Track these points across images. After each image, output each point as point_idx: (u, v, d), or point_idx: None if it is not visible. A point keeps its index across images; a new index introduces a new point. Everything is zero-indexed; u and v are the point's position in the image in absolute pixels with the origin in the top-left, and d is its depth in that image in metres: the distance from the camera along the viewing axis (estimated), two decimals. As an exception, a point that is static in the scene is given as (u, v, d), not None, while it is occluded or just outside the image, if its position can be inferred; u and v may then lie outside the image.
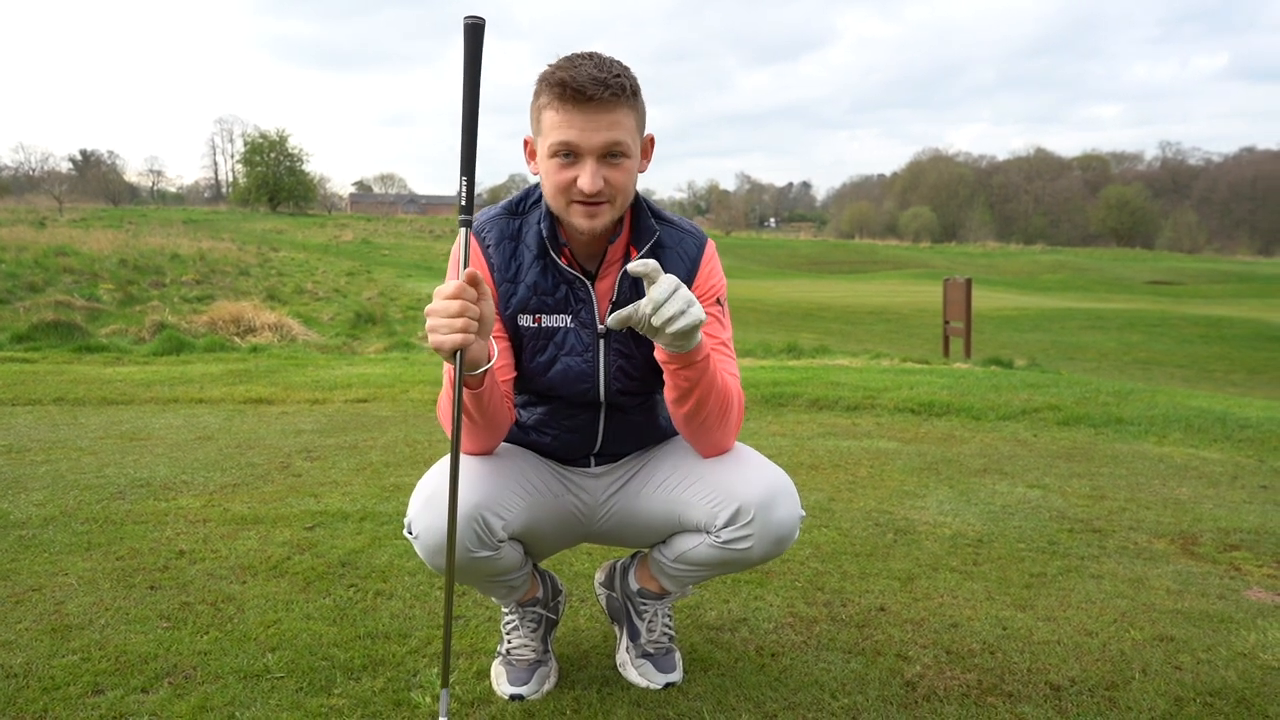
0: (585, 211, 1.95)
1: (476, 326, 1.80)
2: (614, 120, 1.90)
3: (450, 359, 1.81)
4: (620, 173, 1.94)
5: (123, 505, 3.88)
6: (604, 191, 1.93)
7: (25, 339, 10.23)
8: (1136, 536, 3.61)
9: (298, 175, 69.35)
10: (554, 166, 1.94)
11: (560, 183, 1.94)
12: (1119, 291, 38.00)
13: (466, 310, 1.77)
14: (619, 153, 1.93)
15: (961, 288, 13.89)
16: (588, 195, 1.92)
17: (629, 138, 1.94)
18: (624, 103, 1.91)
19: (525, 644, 2.33)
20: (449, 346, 1.77)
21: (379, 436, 5.38)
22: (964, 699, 2.27)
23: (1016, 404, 6.52)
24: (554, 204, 2.00)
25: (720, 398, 2.02)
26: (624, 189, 1.97)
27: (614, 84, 1.88)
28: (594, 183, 1.91)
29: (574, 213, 1.97)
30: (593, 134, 1.89)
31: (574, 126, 1.89)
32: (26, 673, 2.34)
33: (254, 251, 31.14)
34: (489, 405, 1.97)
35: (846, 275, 47.19)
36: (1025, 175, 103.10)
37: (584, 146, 1.90)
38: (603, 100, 1.87)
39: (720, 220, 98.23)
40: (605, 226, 1.99)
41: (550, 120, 1.92)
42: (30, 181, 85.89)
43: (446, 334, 1.77)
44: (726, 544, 2.10)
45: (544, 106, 1.93)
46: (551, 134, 1.92)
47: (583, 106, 1.87)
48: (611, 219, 1.99)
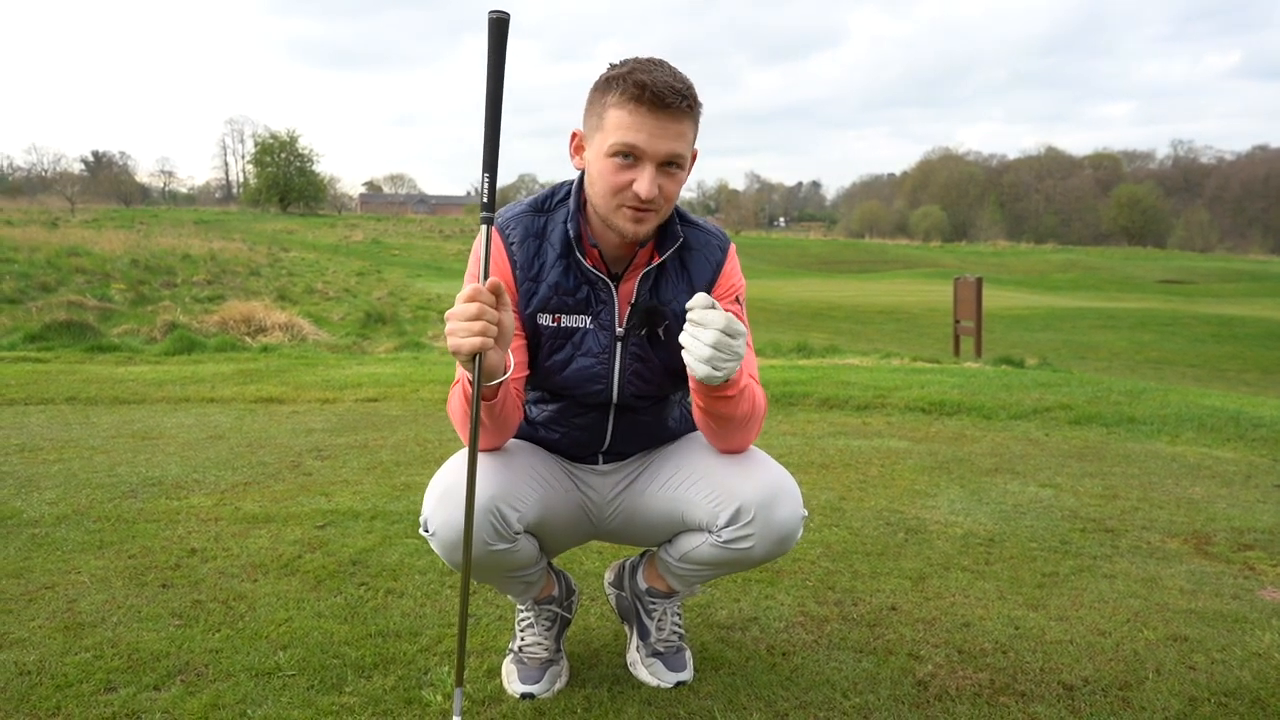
0: (634, 216, 1.95)
1: (495, 331, 1.79)
2: (680, 131, 1.91)
3: (468, 363, 1.81)
4: (673, 183, 1.96)
5: (135, 504, 3.89)
6: (655, 200, 1.93)
7: (38, 339, 10.28)
8: (1150, 536, 3.60)
9: (308, 175, 69.57)
10: (611, 166, 1.93)
11: (616, 184, 1.93)
12: (1130, 291, 37.84)
13: (484, 314, 1.77)
14: (676, 164, 1.93)
15: (972, 287, 13.86)
16: (642, 201, 1.92)
17: (687, 151, 1.95)
18: (690, 116, 1.92)
19: (539, 642, 2.33)
20: (466, 350, 1.77)
21: (389, 436, 5.39)
22: (976, 698, 2.26)
23: (1028, 403, 6.50)
24: (602, 203, 1.98)
25: (745, 414, 2.05)
26: (672, 200, 1.99)
27: (689, 95, 1.90)
28: (651, 189, 1.90)
29: (622, 216, 1.96)
30: (659, 142, 1.89)
31: (643, 130, 1.88)
32: (40, 670, 2.35)
33: (265, 252, 31.25)
34: (501, 413, 1.97)
35: (856, 275, 47.10)
36: (1036, 174, 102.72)
37: (648, 152, 1.89)
38: (677, 110, 1.88)
39: (730, 220, 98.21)
40: (649, 233, 2.00)
41: (617, 119, 1.90)
42: (43, 182, 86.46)
43: (464, 337, 1.77)
44: (728, 544, 2.10)
45: (612, 105, 1.91)
46: (615, 133, 1.90)
47: (657, 113, 1.87)
48: (653, 226, 2.00)
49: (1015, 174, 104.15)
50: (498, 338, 1.82)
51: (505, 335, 1.84)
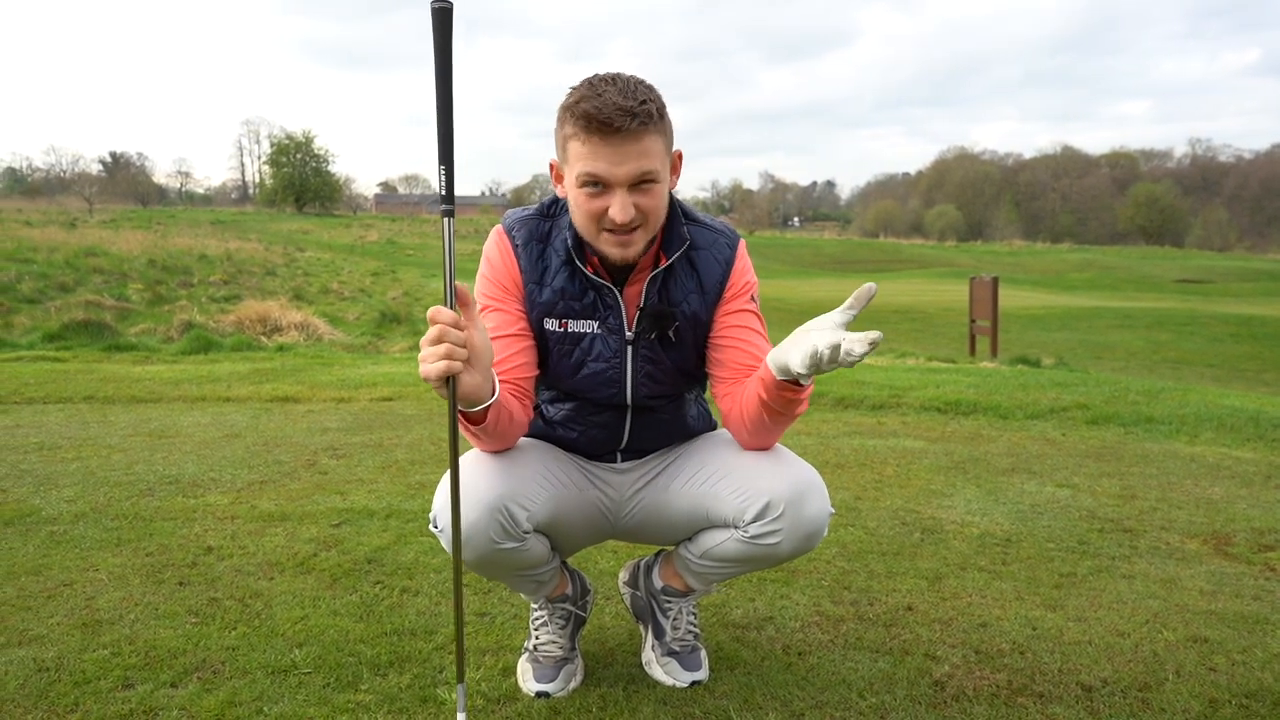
0: (616, 241, 1.93)
1: (463, 354, 1.71)
2: (642, 149, 1.86)
3: (441, 389, 1.73)
4: (651, 199, 1.92)
5: (152, 502, 3.91)
6: (635, 218, 1.90)
7: (56, 338, 10.37)
8: (1168, 536, 3.57)
9: (323, 176, 69.89)
10: (583, 196, 1.91)
11: (591, 212, 1.91)
12: (1147, 290, 37.57)
13: (446, 335, 1.69)
14: (649, 180, 1.89)
15: (988, 286, 13.79)
16: (620, 225, 1.90)
17: (658, 164, 1.90)
18: (651, 129, 1.86)
19: (553, 641, 2.33)
20: (433, 375, 1.69)
21: (404, 434, 5.40)
22: (994, 699, 2.25)
23: (1044, 403, 6.46)
24: (585, 232, 1.97)
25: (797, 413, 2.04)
26: (655, 213, 1.95)
27: (640, 112, 1.83)
28: (625, 213, 1.88)
29: (604, 241, 1.94)
30: (621, 166, 1.85)
31: (601, 159, 1.85)
32: (58, 666, 2.36)
33: (280, 252, 31.40)
34: (494, 431, 1.94)
35: (871, 274, 46.94)
36: (1052, 173, 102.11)
37: (613, 179, 1.86)
38: (630, 131, 1.83)
39: (744, 219, 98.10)
40: (638, 254, 1.97)
41: (576, 151, 1.88)
42: (61, 183, 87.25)
43: (431, 362, 1.68)
44: (755, 539, 2.07)
45: (569, 137, 1.89)
46: (578, 165, 1.88)
47: (610, 139, 1.83)
48: (643, 244, 1.97)
49: (1031, 173, 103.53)
50: (471, 361, 1.73)
51: (479, 357, 1.74)
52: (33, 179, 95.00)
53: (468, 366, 1.73)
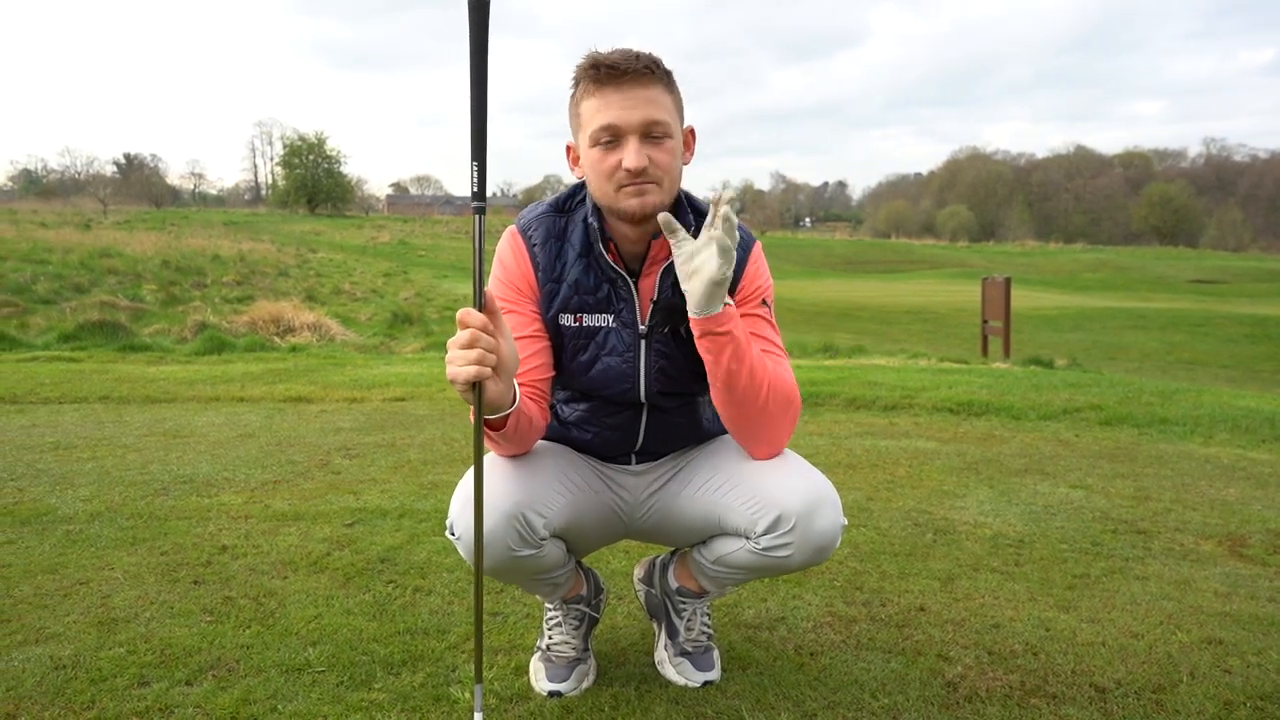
0: (633, 190, 1.93)
1: (493, 360, 1.72)
2: (650, 97, 1.91)
3: (467, 393, 1.75)
4: (664, 153, 1.93)
5: (167, 501, 3.94)
6: (649, 170, 1.91)
7: (71, 338, 10.43)
8: (1183, 538, 3.55)
9: (335, 177, 70.11)
10: (598, 155, 1.93)
11: (606, 168, 1.93)
12: (1161, 291, 37.38)
13: (479, 340, 1.70)
14: (661, 132, 1.92)
15: (1000, 287, 13.73)
16: (633, 173, 1.90)
17: (669, 117, 1.94)
18: (659, 80, 1.93)
19: (566, 641, 2.33)
20: (461, 379, 1.70)
21: (416, 435, 5.41)
22: (1006, 700, 2.24)
23: (1057, 404, 6.43)
24: (601, 193, 1.98)
25: (772, 389, 1.99)
26: (669, 170, 1.96)
27: (646, 59, 1.91)
28: (639, 159, 1.89)
29: (623, 196, 1.94)
30: (631, 111, 1.89)
31: (613, 106, 1.90)
32: (75, 664, 2.38)
33: (293, 253, 31.53)
34: (514, 435, 1.95)
35: (883, 275, 46.85)
36: (1065, 173, 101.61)
37: (624, 125, 1.90)
38: (638, 74, 1.89)
39: (755, 220, 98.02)
40: (656, 205, 1.96)
41: (589, 108, 1.93)
42: (76, 184, 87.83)
43: (460, 366, 1.70)
44: (766, 551, 2.06)
45: (581, 97, 1.94)
46: (592, 121, 1.92)
47: (618, 83, 1.89)
48: (661, 200, 1.96)
49: (1044, 173, 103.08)
50: (498, 368, 1.75)
51: (505, 365, 1.76)
52: (48, 180, 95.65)
53: (494, 374, 1.74)
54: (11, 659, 2.41)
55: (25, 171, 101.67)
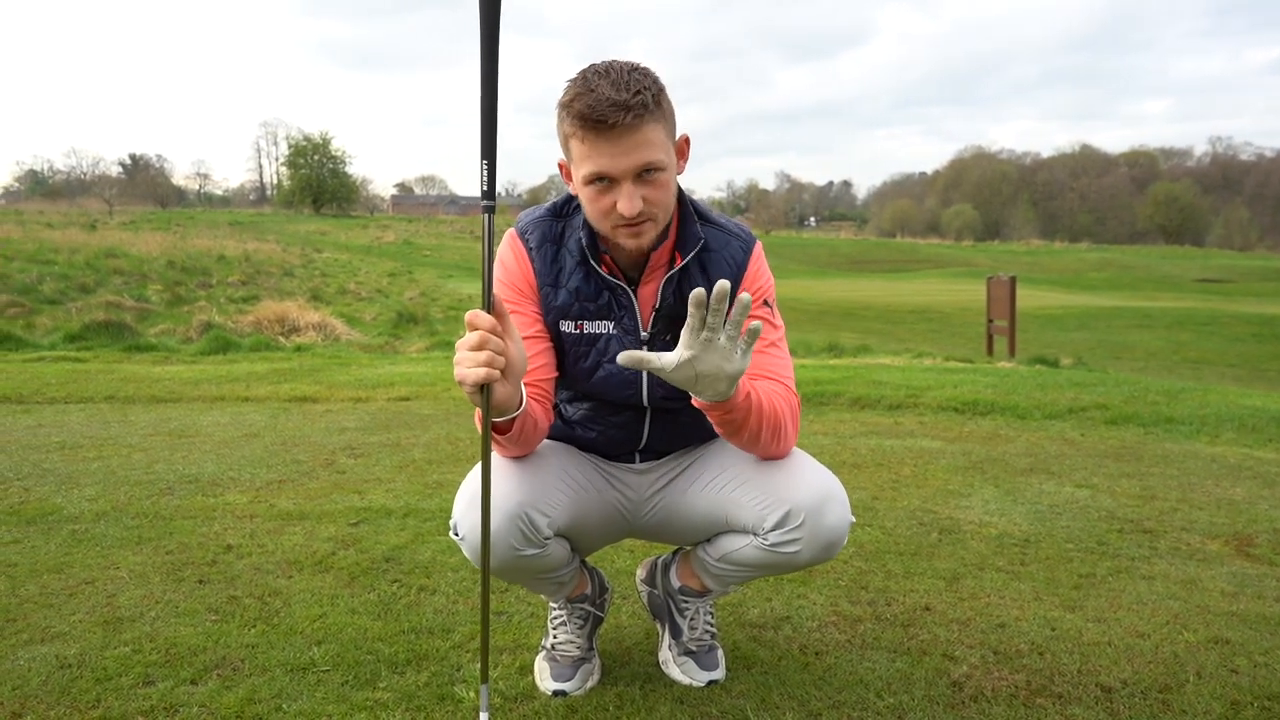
0: (629, 233, 1.92)
1: (502, 362, 1.72)
2: (641, 140, 1.83)
3: (475, 395, 1.75)
4: (658, 189, 1.90)
5: (172, 501, 3.94)
6: (644, 210, 1.89)
7: (77, 338, 10.47)
8: (1189, 537, 3.54)
9: (340, 177, 70.14)
10: (591, 194, 1.90)
11: (601, 209, 1.91)
12: (1167, 290, 37.29)
13: (488, 342, 1.71)
14: (654, 169, 1.87)
15: (1005, 286, 13.73)
16: (628, 219, 1.89)
17: (661, 153, 1.88)
18: (649, 119, 1.83)
19: (571, 640, 2.33)
20: (470, 381, 1.70)
21: (421, 434, 5.42)
22: (1012, 700, 2.23)
23: (1063, 403, 6.42)
24: (599, 228, 1.97)
25: (771, 424, 1.97)
26: (664, 204, 1.93)
27: (635, 104, 1.79)
28: (633, 206, 1.86)
29: (619, 235, 1.93)
30: (623, 159, 1.84)
31: (603, 155, 1.84)
32: (80, 663, 2.38)
33: (298, 253, 31.58)
34: (520, 438, 1.94)
35: (887, 274, 46.79)
36: (1070, 172, 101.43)
37: (616, 172, 1.85)
38: (627, 125, 1.81)
39: (760, 219, 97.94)
40: (652, 241, 1.96)
41: (578, 151, 1.87)
42: (82, 185, 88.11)
43: (469, 368, 1.70)
44: (774, 547, 2.06)
45: (569, 136, 1.88)
46: (583, 165, 1.87)
47: (607, 134, 1.81)
48: (657, 233, 1.96)
49: (1049, 172, 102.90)
50: (506, 371, 1.74)
51: (514, 368, 1.76)
52: (54, 181, 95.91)
53: (502, 376, 1.74)
54: (17, 658, 2.42)
55: (31, 172, 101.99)
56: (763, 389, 1.97)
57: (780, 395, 2.01)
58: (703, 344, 1.71)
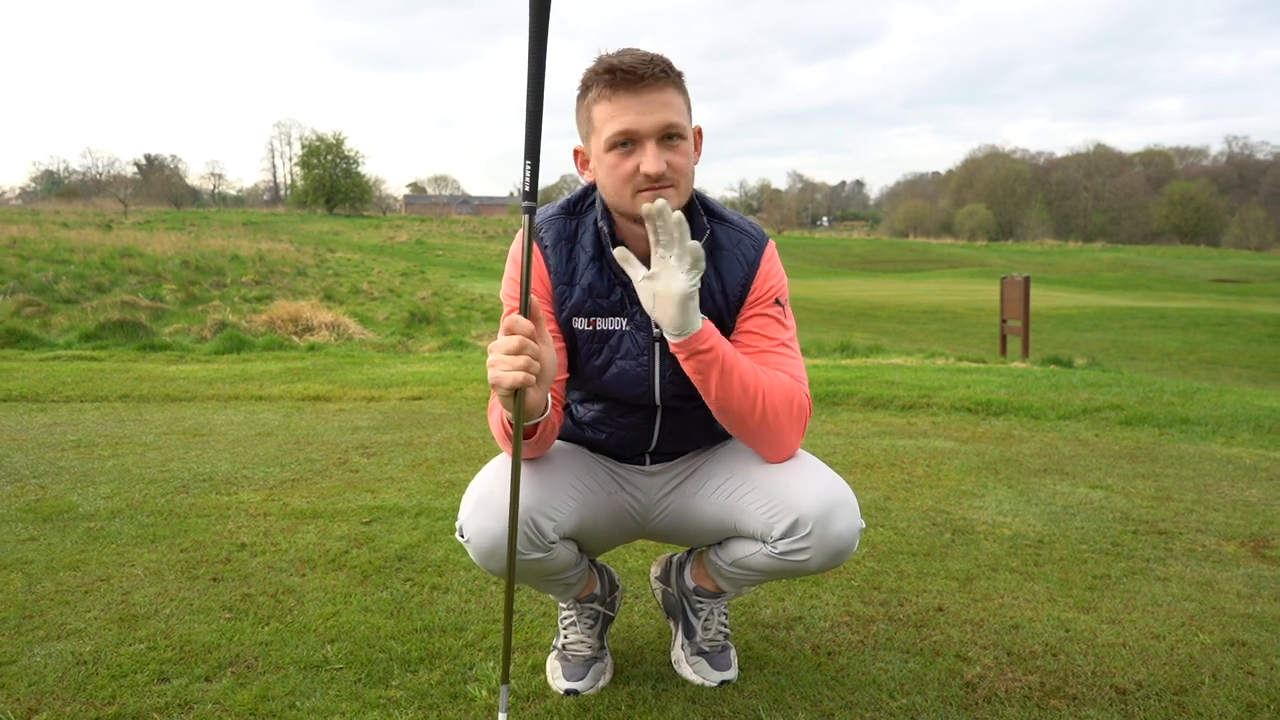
0: (652, 197, 1.90)
1: (538, 368, 1.76)
2: (665, 100, 1.89)
3: (507, 398, 1.79)
4: (680, 156, 1.92)
5: (186, 499, 3.96)
6: (667, 174, 1.90)
7: (93, 338, 10.53)
8: (1204, 539, 3.52)
9: (354, 177, 70.36)
10: (613, 159, 1.91)
11: (623, 173, 1.91)
12: (1182, 290, 37.05)
13: (526, 347, 1.74)
14: (676, 134, 1.90)
15: (1019, 286, 13.66)
16: (652, 178, 1.88)
17: (683, 120, 1.92)
18: (672, 83, 1.91)
19: (582, 640, 2.33)
20: (507, 384, 1.74)
21: (434, 433, 5.43)
22: (1026, 701, 2.23)
23: (1077, 403, 6.39)
24: (618, 199, 1.96)
25: (760, 401, 1.96)
26: (685, 173, 1.94)
27: (661, 62, 1.89)
28: (657, 164, 1.87)
29: (640, 202, 1.92)
30: (649, 115, 1.87)
31: (630, 110, 1.87)
32: (96, 660, 2.40)
33: (311, 252, 31.68)
34: (539, 442, 1.97)
35: (900, 274, 46.64)
36: (1084, 171, 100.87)
37: (642, 130, 1.87)
38: (654, 78, 1.87)
39: (773, 219, 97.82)
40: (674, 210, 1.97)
41: (603, 112, 1.90)
42: (97, 185, 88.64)
43: (506, 370, 1.74)
44: (783, 555, 2.05)
45: (594, 101, 1.91)
46: (607, 126, 1.89)
47: (635, 88, 1.86)
48: (677, 205, 1.95)
49: (1063, 172, 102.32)
50: (539, 375, 1.78)
51: (546, 372, 1.81)
52: (70, 181, 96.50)
53: (536, 381, 1.77)
54: (34, 654, 2.44)
55: (48, 172, 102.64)
56: (751, 363, 1.98)
57: (781, 382, 2.01)
58: (658, 260, 1.85)
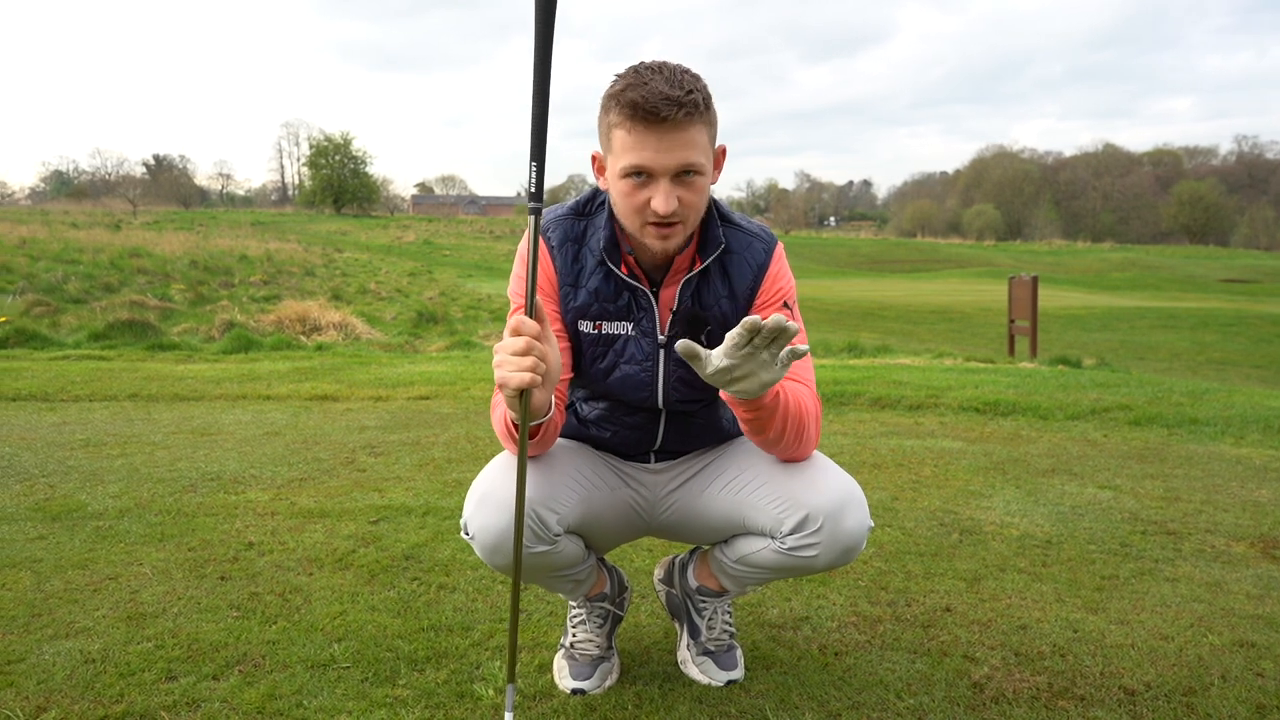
0: (658, 233, 1.91)
1: (544, 369, 1.76)
2: (688, 140, 1.84)
3: (513, 399, 1.78)
4: (693, 193, 1.89)
5: (194, 498, 3.97)
6: (677, 212, 1.88)
7: (101, 337, 10.56)
8: (1214, 539, 3.50)
9: (361, 177, 70.61)
10: (627, 188, 1.89)
11: (634, 205, 1.90)
12: (1192, 290, 36.93)
13: (533, 348, 1.73)
14: (693, 172, 1.87)
15: (1027, 286, 13.63)
16: (662, 217, 1.88)
17: (703, 156, 1.88)
18: (697, 120, 1.84)
19: (590, 639, 2.33)
20: (514, 385, 1.73)
21: (441, 433, 5.44)
22: (1034, 701, 2.22)
23: (1085, 403, 6.37)
24: (627, 224, 1.96)
25: (795, 424, 1.97)
26: (696, 208, 1.93)
27: (687, 102, 1.80)
28: (669, 204, 1.85)
29: (648, 234, 1.93)
30: (666, 155, 1.83)
31: (647, 148, 1.83)
32: (104, 658, 2.41)
33: (319, 252, 31.76)
34: (541, 441, 1.97)
35: (908, 274, 46.57)
36: (1093, 171, 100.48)
37: (657, 168, 1.84)
38: (676, 121, 1.81)
39: (780, 219, 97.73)
40: (678, 247, 1.96)
41: (621, 141, 1.86)
42: (106, 185, 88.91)
43: (513, 371, 1.73)
44: (792, 551, 2.05)
45: (614, 125, 1.87)
46: (624, 156, 1.86)
47: (656, 128, 1.81)
48: (684, 238, 1.96)
49: (1072, 171, 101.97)
50: (545, 376, 1.77)
51: (552, 373, 1.80)
52: (79, 182, 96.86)
53: (541, 383, 1.76)
54: (43, 653, 2.44)
55: (57, 173, 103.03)
56: (790, 389, 1.97)
57: (806, 397, 2.01)
58: (744, 356, 1.71)
